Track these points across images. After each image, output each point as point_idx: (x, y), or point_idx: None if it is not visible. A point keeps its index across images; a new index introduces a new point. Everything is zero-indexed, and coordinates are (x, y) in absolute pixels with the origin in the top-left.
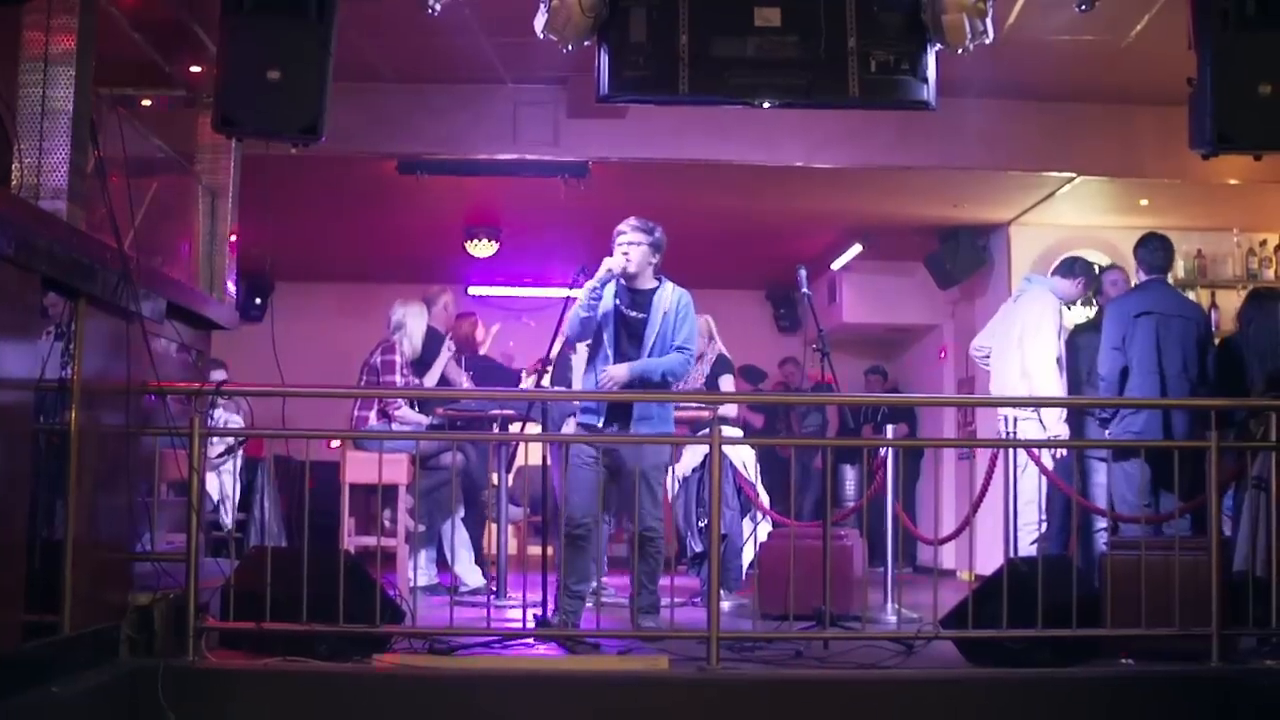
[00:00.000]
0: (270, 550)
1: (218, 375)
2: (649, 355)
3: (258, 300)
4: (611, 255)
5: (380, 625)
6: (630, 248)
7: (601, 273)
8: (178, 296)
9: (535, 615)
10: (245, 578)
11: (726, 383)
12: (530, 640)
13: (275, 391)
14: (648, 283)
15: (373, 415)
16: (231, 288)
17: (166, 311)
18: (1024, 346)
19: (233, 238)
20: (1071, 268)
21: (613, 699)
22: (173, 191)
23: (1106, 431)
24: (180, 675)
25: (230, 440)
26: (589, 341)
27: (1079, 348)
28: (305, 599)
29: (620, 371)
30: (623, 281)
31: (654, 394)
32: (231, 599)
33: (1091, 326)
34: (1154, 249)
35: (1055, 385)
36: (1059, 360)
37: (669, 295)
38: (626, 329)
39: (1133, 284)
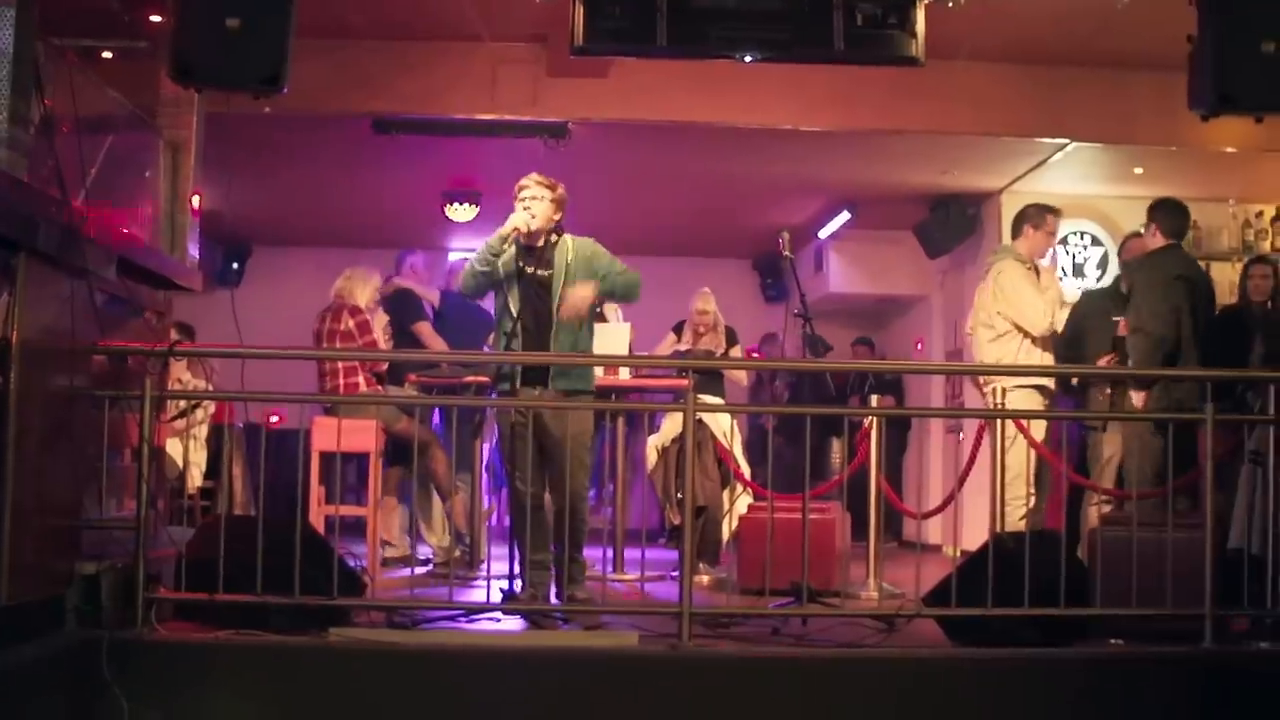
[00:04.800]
0: (226, 519)
1: None
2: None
3: (235, 265)
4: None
5: (336, 597)
6: (534, 203)
7: (506, 230)
8: (133, 254)
9: (501, 589)
10: (202, 547)
11: (737, 353)
12: (497, 615)
13: (230, 352)
14: (547, 238)
15: (362, 381)
16: (194, 248)
17: (123, 270)
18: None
19: (196, 196)
20: (1038, 216)
21: (579, 676)
22: (132, 146)
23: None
24: (127, 648)
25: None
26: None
27: (1090, 313)
28: (260, 570)
29: (587, 289)
30: (523, 240)
31: (635, 359)
32: (184, 569)
33: (1105, 293)
34: (1175, 214)
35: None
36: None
37: (570, 246)
38: (534, 286)
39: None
